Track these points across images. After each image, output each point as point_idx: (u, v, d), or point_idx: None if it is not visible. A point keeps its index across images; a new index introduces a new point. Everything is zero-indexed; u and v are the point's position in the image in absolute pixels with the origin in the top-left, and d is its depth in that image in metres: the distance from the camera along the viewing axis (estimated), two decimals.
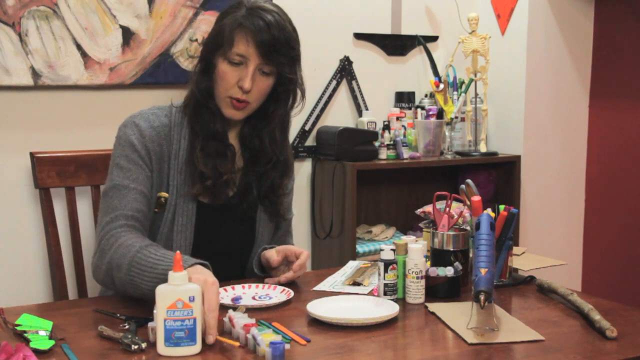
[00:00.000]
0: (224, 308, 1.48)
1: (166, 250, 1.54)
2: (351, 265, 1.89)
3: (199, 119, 1.74)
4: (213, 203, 1.75)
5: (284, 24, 1.69)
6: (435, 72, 2.97)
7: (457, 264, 1.63)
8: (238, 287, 1.66)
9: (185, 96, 1.78)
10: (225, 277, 1.72)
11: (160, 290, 1.26)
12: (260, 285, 1.67)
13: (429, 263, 1.66)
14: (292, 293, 1.60)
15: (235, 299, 1.55)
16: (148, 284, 1.45)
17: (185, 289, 1.26)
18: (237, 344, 1.27)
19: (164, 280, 1.31)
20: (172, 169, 1.72)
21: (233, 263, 1.82)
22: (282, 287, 1.65)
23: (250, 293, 1.63)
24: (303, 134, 2.79)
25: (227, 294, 1.61)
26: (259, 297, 1.59)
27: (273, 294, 1.62)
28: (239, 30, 1.67)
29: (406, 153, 2.79)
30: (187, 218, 1.72)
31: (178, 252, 1.29)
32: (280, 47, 1.67)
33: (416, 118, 2.90)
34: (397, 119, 2.86)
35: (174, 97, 1.80)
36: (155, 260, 1.48)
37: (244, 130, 1.81)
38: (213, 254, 1.74)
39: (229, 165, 1.75)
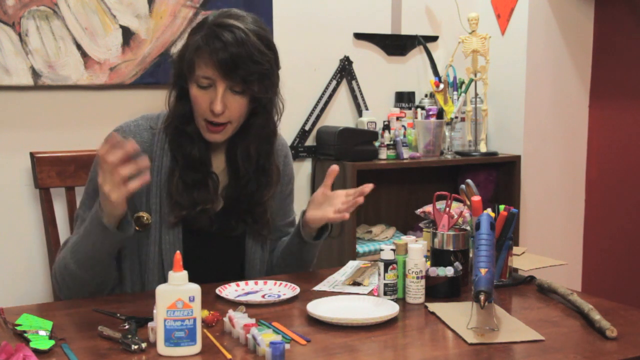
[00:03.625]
0: (228, 304, 1.49)
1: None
2: (351, 265, 1.89)
3: (178, 146, 1.70)
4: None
5: (245, 39, 1.58)
6: (435, 72, 2.97)
7: (457, 264, 1.63)
8: (251, 282, 1.67)
9: (166, 116, 1.74)
10: (222, 279, 1.71)
11: (161, 290, 1.26)
12: (271, 282, 1.68)
13: (429, 263, 1.66)
14: (297, 288, 1.61)
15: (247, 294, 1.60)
16: (87, 247, 1.56)
17: (185, 289, 1.26)
18: (229, 356, 1.26)
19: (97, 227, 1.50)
20: (155, 186, 1.70)
21: (228, 280, 1.76)
22: (287, 283, 1.66)
23: (261, 292, 1.63)
24: (303, 134, 2.79)
25: (239, 288, 1.64)
26: (268, 297, 1.60)
27: (284, 290, 1.63)
28: (198, 53, 1.61)
29: (406, 153, 2.79)
30: (174, 236, 1.70)
31: (178, 252, 1.29)
32: (241, 64, 1.58)
33: (416, 118, 2.90)
34: (397, 119, 2.86)
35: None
36: (77, 234, 1.59)
37: (230, 148, 1.77)
38: (206, 271, 1.72)
39: (208, 195, 1.71)
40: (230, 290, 1.62)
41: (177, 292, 1.25)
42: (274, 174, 1.79)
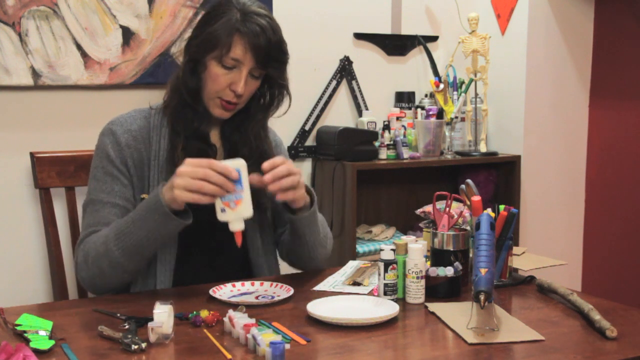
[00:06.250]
0: (225, 305, 1.49)
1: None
2: (351, 265, 1.89)
3: (181, 118, 1.73)
4: None
5: (277, 28, 1.71)
6: (435, 72, 2.97)
7: (457, 264, 1.63)
8: (247, 283, 1.67)
9: (164, 97, 1.77)
10: (226, 275, 1.73)
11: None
12: (267, 283, 1.67)
13: (429, 263, 1.66)
14: (291, 289, 1.61)
15: (242, 294, 1.60)
16: (139, 234, 1.56)
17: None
18: (229, 356, 1.26)
19: (147, 222, 1.55)
20: (153, 170, 1.72)
21: (229, 259, 1.80)
22: (282, 285, 1.65)
23: (256, 292, 1.63)
24: (303, 134, 2.79)
25: (235, 289, 1.64)
26: (262, 297, 1.59)
27: (278, 292, 1.63)
28: (237, 36, 1.66)
29: (406, 153, 2.79)
30: None
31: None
32: (274, 52, 1.70)
33: (416, 118, 2.90)
34: (397, 119, 2.87)
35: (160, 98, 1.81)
36: (126, 220, 1.59)
37: (225, 126, 1.81)
38: (204, 251, 1.76)
39: None
40: (225, 291, 1.61)
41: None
42: (270, 153, 1.84)
